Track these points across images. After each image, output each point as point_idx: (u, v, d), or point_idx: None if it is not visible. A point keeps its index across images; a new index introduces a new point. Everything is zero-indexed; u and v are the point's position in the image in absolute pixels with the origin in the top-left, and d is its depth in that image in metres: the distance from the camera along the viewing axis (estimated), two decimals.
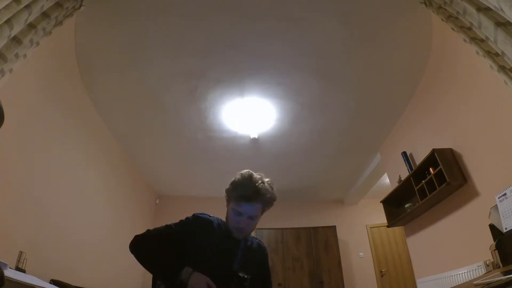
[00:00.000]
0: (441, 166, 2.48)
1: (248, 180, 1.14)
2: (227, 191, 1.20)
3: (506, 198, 1.45)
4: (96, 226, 3.26)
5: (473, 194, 2.37)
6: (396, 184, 3.44)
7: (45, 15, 1.72)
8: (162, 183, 5.31)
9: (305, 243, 5.42)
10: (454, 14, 1.79)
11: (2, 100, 1.08)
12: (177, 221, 1.20)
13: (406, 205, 3.27)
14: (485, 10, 1.51)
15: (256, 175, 1.17)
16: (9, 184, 2.05)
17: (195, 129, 3.76)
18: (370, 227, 6.02)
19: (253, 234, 5.44)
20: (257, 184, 1.14)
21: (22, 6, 1.47)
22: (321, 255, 5.33)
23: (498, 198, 1.51)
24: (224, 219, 1.24)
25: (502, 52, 1.51)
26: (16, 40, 1.57)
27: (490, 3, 1.42)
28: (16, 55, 1.59)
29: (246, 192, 1.12)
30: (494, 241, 1.67)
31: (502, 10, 1.35)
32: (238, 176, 1.18)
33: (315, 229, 5.57)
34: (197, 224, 1.19)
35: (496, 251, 1.59)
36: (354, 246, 5.88)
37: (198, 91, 3.14)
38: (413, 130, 3.34)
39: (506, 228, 1.44)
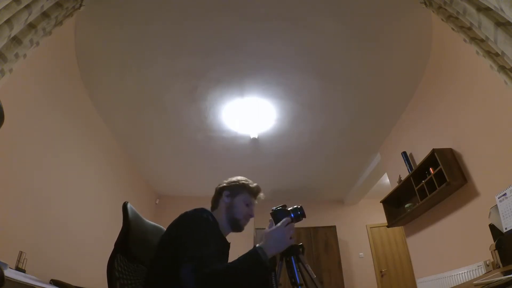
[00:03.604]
0: (441, 166, 2.48)
1: (257, 185, 1.32)
2: (235, 186, 1.28)
3: (506, 198, 1.45)
4: (96, 226, 3.26)
5: (473, 194, 2.37)
6: (396, 184, 3.44)
7: (45, 15, 1.72)
8: (162, 183, 5.31)
9: (305, 243, 5.42)
10: (454, 14, 1.80)
11: (2, 100, 1.08)
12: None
13: (406, 205, 3.27)
14: (485, 10, 1.52)
15: None
16: (9, 184, 2.05)
17: (195, 129, 3.76)
18: (370, 227, 6.02)
19: (253, 234, 5.40)
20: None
21: (22, 6, 1.47)
22: (321, 255, 5.33)
23: (498, 198, 1.51)
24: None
25: (502, 52, 1.51)
26: (16, 40, 1.58)
27: (490, 3, 1.42)
28: (16, 55, 1.59)
29: (260, 190, 1.30)
30: (494, 241, 1.67)
31: (502, 10, 1.35)
32: (241, 177, 1.31)
33: (315, 229, 5.57)
34: (215, 226, 1.12)
35: (496, 251, 1.60)
36: (354, 246, 5.88)
37: (198, 91, 3.14)
38: (413, 130, 3.34)
39: (506, 228, 1.44)
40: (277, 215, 1.05)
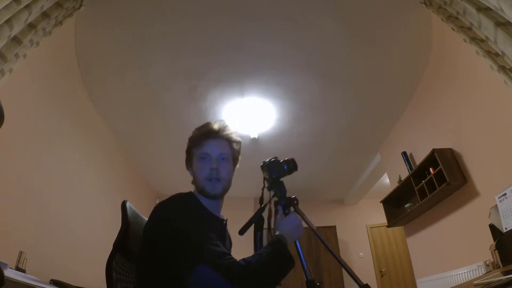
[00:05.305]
0: (441, 166, 2.48)
1: (206, 123, 1.08)
2: (186, 152, 1.09)
3: (506, 198, 1.45)
4: (96, 226, 3.25)
5: (473, 194, 2.37)
6: (396, 184, 3.44)
7: (45, 15, 1.72)
8: (162, 183, 5.31)
9: (305, 243, 5.42)
10: (454, 14, 1.80)
11: (2, 100, 1.08)
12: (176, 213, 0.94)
13: (406, 205, 3.27)
14: (485, 10, 1.52)
15: None
16: (9, 184, 2.05)
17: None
18: (370, 227, 6.02)
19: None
20: (217, 122, 1.07)
21: (22, 6, 1.47)
22: (321, 255, 5.33)
23: (498, 198, 1.51)
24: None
25: (502, 52, 1.52)
26: (16, 40, 1.58)
27: (490, 3, 1.42)
28: (16, 55, 1.60)
29: (208, 128, 1.04)
30: (494, 241, 1.67)
31: (502, 10, 1.35)
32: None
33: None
34: (202, 211, 1.01)
35: (496, 251, 1.60)
36: (354, 246, 5.87)
37: (198, 91, 3.14)
38: (413, 130, 3.34)
39: (506, 228, 1.44)
40: (270, 167, 1.01)
